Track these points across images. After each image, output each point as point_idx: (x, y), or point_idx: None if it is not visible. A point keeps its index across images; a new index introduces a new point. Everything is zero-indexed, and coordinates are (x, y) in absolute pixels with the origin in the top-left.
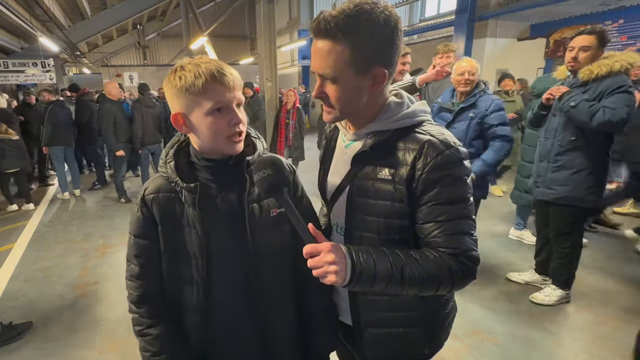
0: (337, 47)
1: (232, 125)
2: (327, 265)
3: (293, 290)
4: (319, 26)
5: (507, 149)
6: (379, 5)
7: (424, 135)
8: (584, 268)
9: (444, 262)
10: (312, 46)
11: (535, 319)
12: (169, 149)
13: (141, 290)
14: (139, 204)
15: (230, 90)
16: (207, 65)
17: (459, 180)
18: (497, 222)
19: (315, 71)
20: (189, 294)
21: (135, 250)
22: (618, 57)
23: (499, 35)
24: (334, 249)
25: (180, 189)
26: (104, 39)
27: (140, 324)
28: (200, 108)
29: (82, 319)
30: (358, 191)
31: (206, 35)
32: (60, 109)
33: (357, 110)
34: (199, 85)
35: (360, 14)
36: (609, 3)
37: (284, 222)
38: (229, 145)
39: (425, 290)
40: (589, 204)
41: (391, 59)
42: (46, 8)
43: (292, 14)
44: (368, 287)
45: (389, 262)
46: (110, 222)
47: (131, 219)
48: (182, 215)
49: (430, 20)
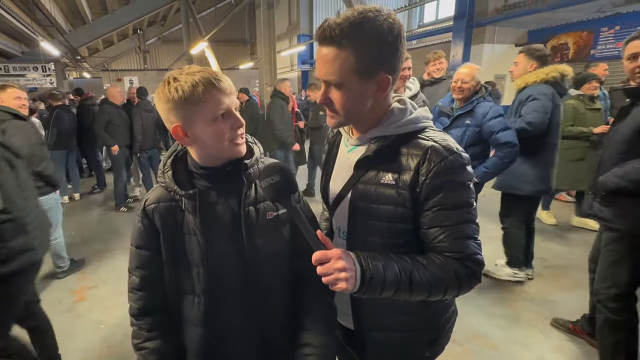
0: (342, 54)
1: (235, 129)
2: (338, 272)
3: (292, 294)
4: (324, 33)
5: (512, 155)
6: (382, 12)
7: (427, 141)
8: (582, 272)
9: (450, 266)
10: (317, 53)
11: (534, 323)
12: (166, 159)
13: (141, 302)
14: (140, 215)
15: (228, 95)
16: (201, 74)
17: (462, 185)
18: (494, 226)
19: (320, 77)
20: (190, 304)
21: (137, 262)
22: (540, 71)
23: (496, 41)
24: (343, 255)
25: (179, 197)
26: (105, 44)
27: (138, 337)
28: (202, 117)
29: (81, 322)
30: (361, 196)
31: (206, 40)
32: (66, 113)
33: (361, 116)
34: (199, 93)
35: (364, 21)
36: (605, 10)
37: (281, 225)
38: (233, 148)
39: (433, 295)
40: (523, 192)
41: (395, 65)
42: (47, 13)
43: (292, 19)
44: (377, 293)
45: (398, 268)
46: (109, 227)
47: (133, 230)
48: (183, 223)
49: (429, 26)
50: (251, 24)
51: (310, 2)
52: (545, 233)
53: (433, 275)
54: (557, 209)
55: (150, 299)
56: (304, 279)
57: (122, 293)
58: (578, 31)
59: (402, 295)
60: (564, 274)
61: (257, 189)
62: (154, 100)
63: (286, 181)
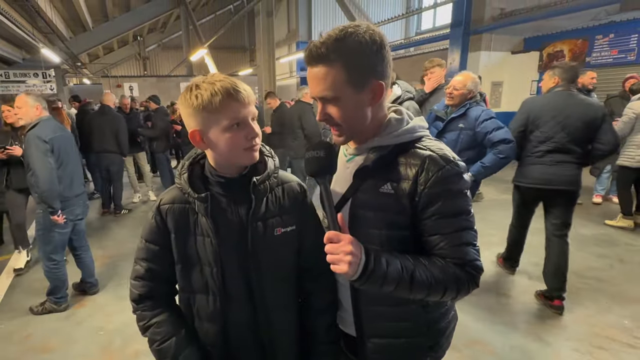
0: (332, 69)
1: (249, 139)
2: (344, 254)
3: (297, 308)
4: (310, 54)
5: (508, 151)
6: (361, 26)
7: (424, 150)
8: (579, 278)
9: (451, 269)
10: (307, 75)
11: (533, 329)
12: (185, 161)
13: (144, 289)
14: (154, 213)
15: (245, 106)
16: (222, 83)
17: (459, 193)
18: (492, 232)
19: (315, 96)
20: (204, 302)
21: (144, 254)
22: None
23: (493, 49)
24: (354, 242)
25: (192, 199)
26: (105, 50)
27: (143, 318)
28: (218, 125)
29: (80, 328)
30: (361, 204)
31: (206, 47)
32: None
33: (363, 127)
34: (216, 102)
35: (346, 36)
36: (599, 18)
37: (288, 242)
38: (247, 155)
39: (432, 295)
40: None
41: (384, 71)
42: (48, 20)
43: (291, 26)
44: (377, 287)
45: (401, 265)
46: (108, 233)
47: (145, 224)
48: (196, 225)
49: (427, 33)
50: (251, 30)
51: (309, 9)
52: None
53: (433, 276)
54: None
55: (153, 288)
56: (308, 299)
57: (121, 299)
58: (573, 39)
59: (401, 292)
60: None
61: (269, 203)
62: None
63: (329, 159)
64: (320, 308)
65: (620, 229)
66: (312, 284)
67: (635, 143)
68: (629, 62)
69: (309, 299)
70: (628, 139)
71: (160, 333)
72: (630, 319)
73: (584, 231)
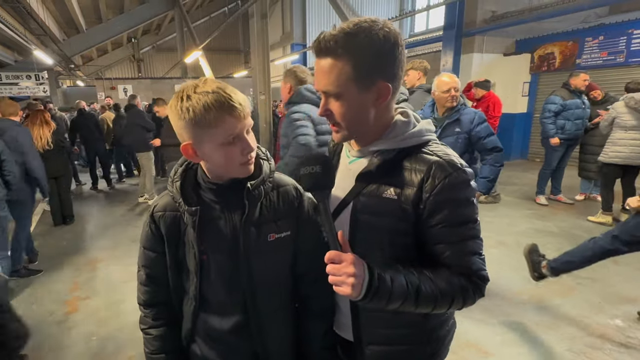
0: (339, 64)
1: (245, 154)
2: (346, 276)
3: (292, 312)
4: (319, 45)
5: (501, 159)
6: (377, 22)
7: (431, 156)
8: (572, 277)
9: (456, 280)
10: (315, 66)
11: (527, 330)
12: (177, 167)
13: (147, 295)
14: (149, 220)
15: (240, 120)
16: (215, 96)
17: (466, 201)
18: (490, 235)
19: (319, 89)
20: (186, 304)
21: (143, 261)
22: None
23: (485, 51)
24: (356, 261)
25: (182, 210)
26: (99, 52)
27: (144, 323)
28: (212, 140)
29: (73, 334)
30: (363, 208)
31: (201, 49)
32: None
33: (364, 127)
34: (210, 119)
35: (359, 31)
36: (589, 20)
37: (282, 248)
38: (242, 170)
39: (439, 308)
40: None
41: (394, 73)
42: (41, 22)
43: (285, 28)
44: (383, 304)
45: (406, 281)
46: (101, 236)
47: (142, 231)
48: (186, 233)
49: (420, 35)
50: (245, 33)
51: (303, 12)
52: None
53: (439, 289)
54: (550, 211)
55: (155, 293)
56: (304, 303)
57: (114, 304)
58: (564, 41)
59: (407, 308)
60: (557, 279)
61: (263, 208)
62: (149, 107)
63: (326, 174)
64: (317, 313)
65: (600, 224)
66: (308, 288)
67: (611, 140)
68: (618, 63)
69: (305, 303)
70: (609, 137)
71: (153, 345)
72: (623, 318)
73: (581, 231)
